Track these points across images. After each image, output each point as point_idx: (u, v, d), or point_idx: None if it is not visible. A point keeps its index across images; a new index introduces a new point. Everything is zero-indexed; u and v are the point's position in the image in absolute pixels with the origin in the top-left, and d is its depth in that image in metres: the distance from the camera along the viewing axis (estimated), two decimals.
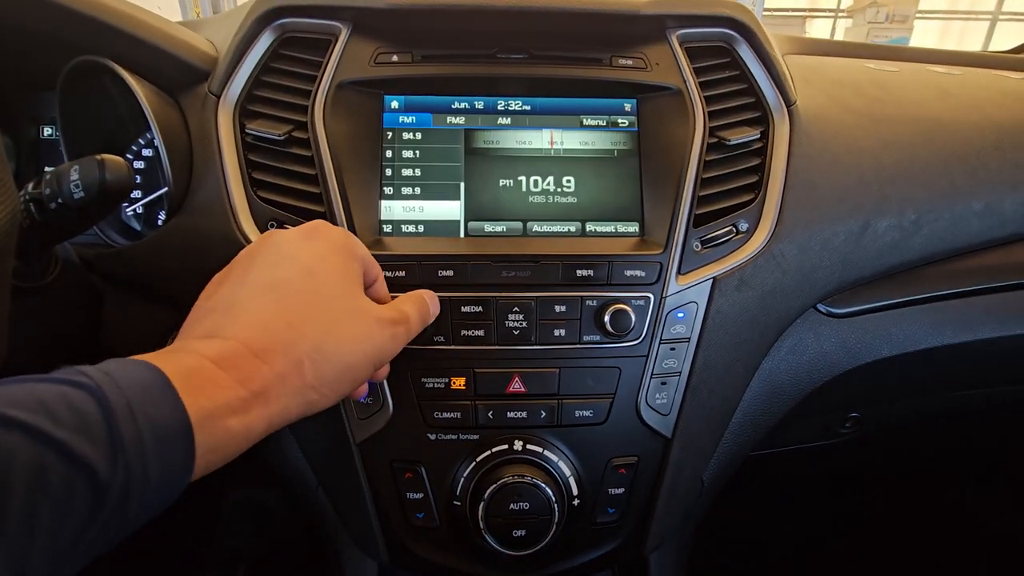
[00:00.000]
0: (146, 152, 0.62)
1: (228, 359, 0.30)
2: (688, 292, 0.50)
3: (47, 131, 0.65)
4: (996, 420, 0.82)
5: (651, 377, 0.50)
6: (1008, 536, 0.98)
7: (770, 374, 0.57)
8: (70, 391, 0.24)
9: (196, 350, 0.30)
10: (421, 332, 0.46)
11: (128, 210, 0.62)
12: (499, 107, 0.54)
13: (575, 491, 0.50)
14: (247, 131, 0.51)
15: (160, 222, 0.60)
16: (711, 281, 0.51)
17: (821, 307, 0.57)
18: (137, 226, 0.62)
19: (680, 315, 0.50)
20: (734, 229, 0.53)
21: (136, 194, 0.62)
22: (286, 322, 0.33)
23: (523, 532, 0.47)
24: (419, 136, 0.53)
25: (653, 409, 0.51)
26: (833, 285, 0.56)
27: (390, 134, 0.53)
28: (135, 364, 0.28)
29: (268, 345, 0.32)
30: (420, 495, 0.50)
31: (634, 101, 0.55)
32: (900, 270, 0.59)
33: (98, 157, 0.38)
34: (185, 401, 0.27)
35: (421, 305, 0.44)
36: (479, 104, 0.54)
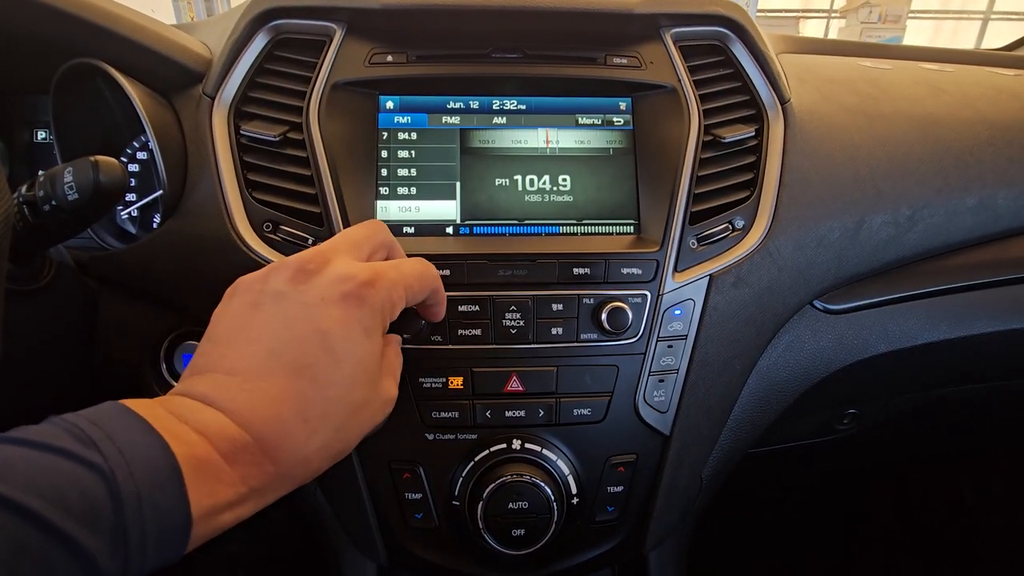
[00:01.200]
0: (141, 155, 0.62)
1: (237, 454, 0.30)
2: (685, 289, 0.50)
3: (41, 135, 0.65)
4: (993, 415, 0.82)
5: (649, 375, 0.50)
6: (1006, 530, 0.98)
7: (767, 371, 0.57)
8: (84, 475, 0.25)
9: (203, 428, 0.29)
10: (419, 331, 0.46)
11: (123, 213, 0.62)
12: (494, 106, 0.54)
13: (574, 490, 0.49)
14: (242, 132, 0.51)
15: (155, 225, 0.60)
16: (708, 278, 0.51)
17: (818, 304, 0.58)
18: (132, 229, 0.61)
19: (677, 312, 0.50)
20: (730, 226, 0.53)
21: (131, 197, 0.62)
22: (302, 417, 0.32)
23: (522, 531, 0.47)
24: (414, 136, 0.53)
25: (651, 407, 0.51)
26: (829, 282, 0.56)
27: (385, 134, 0.53)
28: (146, 437, 0.27)
29: (280, 443, 0.31)
30: (419, 495, 0.50)
31: (629, 100, 0.55)
32: (895, 266, 0.59)
33: (92, 158, 0.38)
34: (191, 497, 0.27)
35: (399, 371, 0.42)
36: (474, 104, 0.54)
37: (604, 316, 0.48)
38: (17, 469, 0.24)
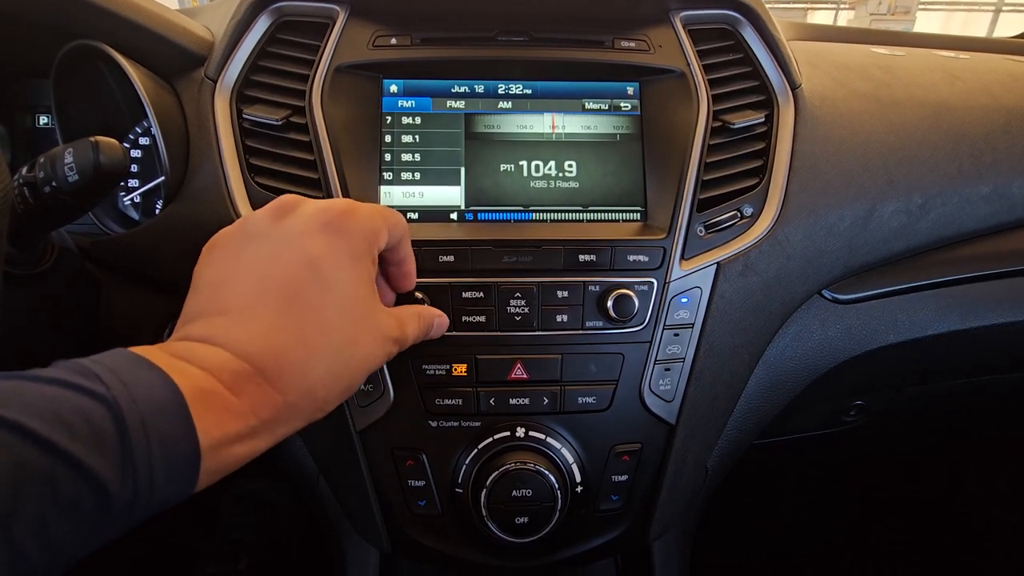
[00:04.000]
0: (143, 140, 0.61)
1: (240, 384, 0.29)
2: (692, 277, 0.50)
3: (43, 120, 0.65)
4: (1002, 407, 0.81)
5: (654, 363, 0.50)
6: (1012, 524, 0.97)
7: (774, 361, 0.56)
8: (86, 402, 0.24)
9: (205, 364, 0.29)
10: None
11: (126, 199, 0.61)
12: (500, 91, 0.53)
13: (578, 478, 0.49)
14: (244, 116, 0.51)
15: (158, 211, 0.60)
16: (715, 266, 0.50)
17: (826, 293, 0.57)
18: (135, 215, 0.61)
19: (684, 300, 0.50)
20: (738, 214, 0.52)
21: (133, 183, 0.61)
22: (301, 344, 0.32)
23: (526, 519, 0.47)
24: (418, 120, 0.52)
25: (656, 395, 0.50)
26: (839, 271, 0.55)
27: (389, 118, 0.52)
28: (149, 372, 0.27)
29: (282, 370, 0.31)
30: (422, 483, 0.50)
31: (637, 84, 0.54)
32: (906, 255, 0.58)
33: (92, 139, 0.38)
34: (198, 426, 0.27)
35: (426, 327, 0.42)
36: (479, 88, 0.53)
37: (610, 304, 0.48)
38: (19, 396, 0.23)
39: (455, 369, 0.49)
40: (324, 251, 0.34)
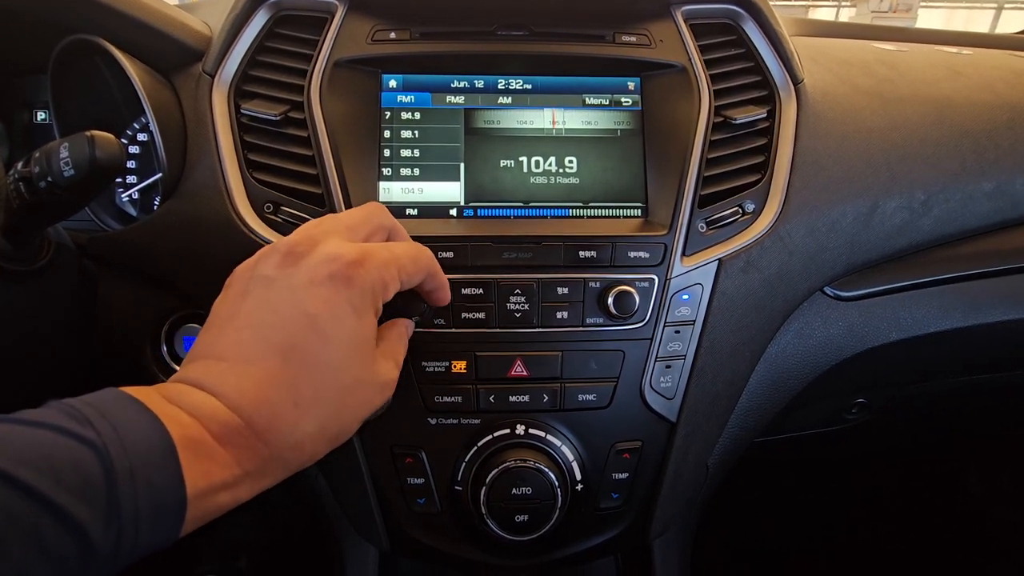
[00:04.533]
0: (141, 137, 0.61)
1: (229, 436, 0.29)
2: (693, 274, 0.49)
3: (41, 116, 0.64)
4: (1004, 405, 0.81)
5: (655, 360, 0.49)
6: (1014, 523, 0.97)
7: (776, 358, 0.56)
8: (76, 449, 0.25)
9: (196, 411, 0.29)
10: (421, 314, 0.45)
11: (124, 195, 0.61)
12: (499, 86, 0.53)
13: (578, 476, 0.49)
14: (242, 111, 0.50)
15: (156, 208, 0.59)
16: (717, 263, 0.50)
17: (828, 290, 0.56)
18: (133, 212, 0.61)
19: (685, 297, 0.49)
20: (740, 210, 0.51)
21: (132, 179, 0.61)
22: (292, 400, 0.31)
23: (525, 517, 0.46)
24: (418, 116, 0.52)
25: (657, 393, 0.50)
26: (841, 268, 0.55)
27: (388, 114, 0.52)
28: (140, 416, 0.27)
29: (270, 425, 0.31)
30: (421, 480, 0.50)
31: (637, 79, 0.54)
32: (909, 252, 0.58)
33: (88, 133, 0.37)
34: (185, 476, 0.27)
35: (407, 338, 0.42)
36: (479, 83, 0.53)
37: (610, 300, 0.47)
38: (8, 443, 0.24)
39: (454, 366, 0.48)
40: (324, 306, 0.33)
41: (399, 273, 0.37)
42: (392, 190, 0.51)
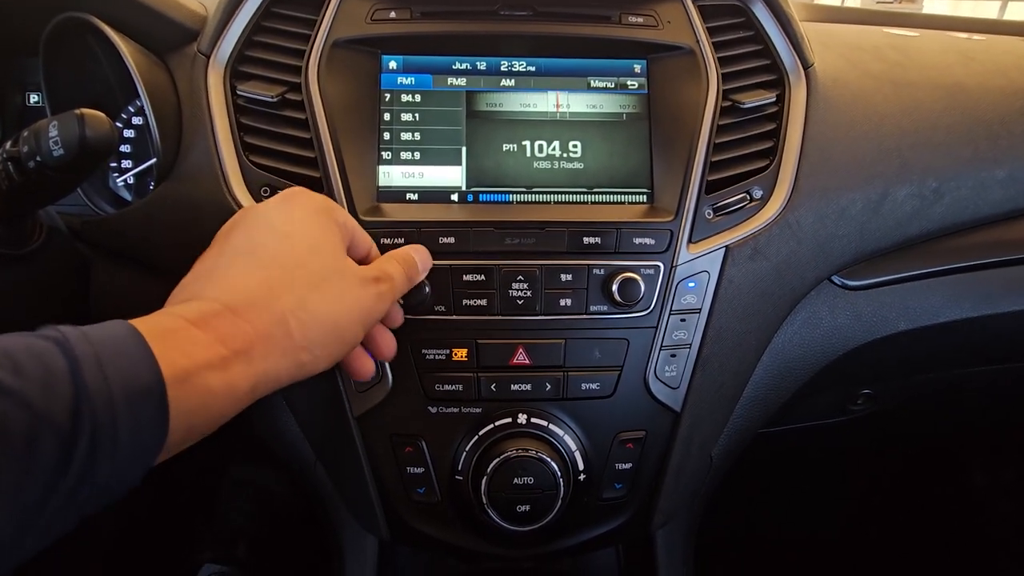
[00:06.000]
0: (136, 120, 0.59)
1: (206, 319, 0.30)
2: (699, 261, 0.48)
3: (34, 98, 0.63)
4: (1011, 397, 0.80)
5: (660, 349, 0.48)
6: (1016, 517, 0.97)
7: (783, 347, 0.55)
8: (37, 342, 0.24)
9: (173, 312, 0.30)
10: (421, 300, 0.44)
11: (119, 180, 0.60)
12: (502, 68, 0.52)
13: (581, 466, 0.48)
14: (238, 93, 0.49)
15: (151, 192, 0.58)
16: (723, 250, 0.49)
17: (836, 279, 0.55)
18: (128, 196, 0.60)
19: (691, 285, 0.48)
20: (748, 196, 0.50)
21: (127, 164, 0.60)
22: (265, 284, 0.33)
23: (527, 507, 0.46)
24: (418, 98, 0.51)
25: (662, 382, 0.49)
26: (849, 256, 0.54)
27: (388, 96, 0.51)
28: (110, 322, 0.27)
29: (248, 304, 0.31)
30: (421, 470, 0.49)
31: (644, 62, 0.52)
32: (919, 241, 0.56)
33: (78, 112, 0.36)
34: (158, 356, 0.26)
35: (406, 261, 0.41)
36: (481, 65, 0.51)
37: (615, 287, 0.46)
38: None
39: (455, 354, 0.47)
40: (284, 216, 0.36)
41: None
42: (392, 174, 0.50)
